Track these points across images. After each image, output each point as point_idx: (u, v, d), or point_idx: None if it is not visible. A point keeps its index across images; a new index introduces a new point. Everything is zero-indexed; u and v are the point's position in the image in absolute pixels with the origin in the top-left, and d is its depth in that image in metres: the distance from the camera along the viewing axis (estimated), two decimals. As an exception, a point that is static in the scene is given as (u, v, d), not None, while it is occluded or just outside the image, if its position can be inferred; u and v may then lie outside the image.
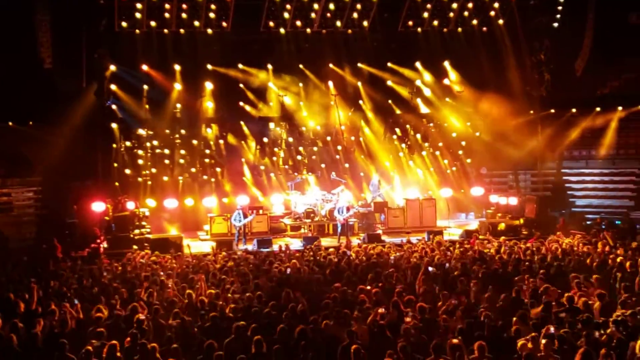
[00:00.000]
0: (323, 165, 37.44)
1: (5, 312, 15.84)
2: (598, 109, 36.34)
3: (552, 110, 36.64)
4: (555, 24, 34.64)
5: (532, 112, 36.50)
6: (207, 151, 36.35)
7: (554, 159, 37.84)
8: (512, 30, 35.04)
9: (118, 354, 13.36)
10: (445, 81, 36.85)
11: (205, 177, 36.23)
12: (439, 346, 12.86)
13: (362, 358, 12.71)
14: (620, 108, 36.23)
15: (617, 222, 32.05)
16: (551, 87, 35.77)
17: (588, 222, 32.72)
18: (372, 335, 14.49)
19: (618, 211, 34.51)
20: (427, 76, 36.82)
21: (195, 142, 35.72)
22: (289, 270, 20.67)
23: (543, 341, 13.02)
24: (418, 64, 36.57)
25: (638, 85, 34.80)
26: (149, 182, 34.99)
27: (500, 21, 34.94)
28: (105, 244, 29.13)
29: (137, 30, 32.91)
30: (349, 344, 13.29)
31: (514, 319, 14.53)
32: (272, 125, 36.53)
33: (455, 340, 13.25)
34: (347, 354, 12.80)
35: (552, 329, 13.56)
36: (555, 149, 37.35)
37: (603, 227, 30.28)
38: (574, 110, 36.77)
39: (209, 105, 35.38)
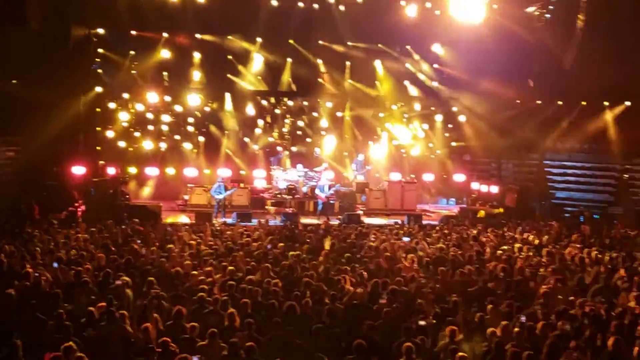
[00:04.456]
0: (308, 140, 37.39)
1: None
2: (584, 102, 36.35)
3: (539, 102, 36.65)
4: (548, 15, 34.52)
5: (518, 101, 36.48)
6: (191, 120, 36.28)
7: (537, 150, 37.87)
8: (504, 19, 34.76)
9: (94, 317, 13.37)
10: (435, 65, 36.92)
11: (187, 145, 36.15)
12: (409, 329, 12.92)
13: (332, 337, 12.80)
14: (606, 103, 36.27)
15: (595, 216, 32.13)
16: (539, 78, 35.70)
17: (566, 215, 32.79)
18: (346, 314, 14.52)
19: (598, 205, 34.57)
20: (418, 59, 36.83)
21: (179, 109, 35.60)
22: (269, 246, 20.70)
23: (515, 330, 13.06)
24: (409, 47, 36.56)
25: (625, 82, 34.75)
26: (131, 148, 34.92)
27: (495, 6, 34.58)
28: (83, 208, 29.01)
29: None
30: (318, 322, 13.36)
31: (488, 306, 14.58)
32: (258, 98, 36.45)
33: (422, 322, 13.30)
34: (319, 333, 12.88)
35: (523, 318, 13.60)
36: (539, 140, 37.36)
37: (581, 219, 30.45)
38: (560, 102, 36.77)
39: (195, 74, 35.25)
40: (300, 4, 34.13)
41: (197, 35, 34.61)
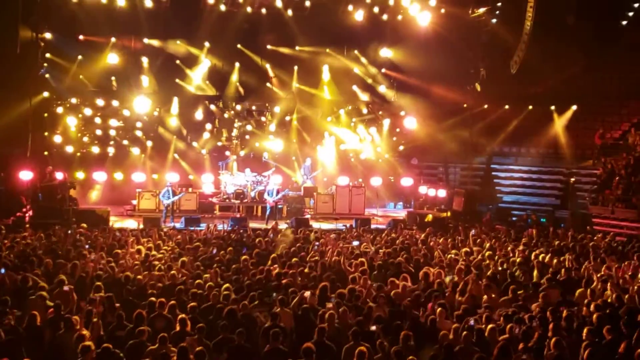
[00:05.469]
0: (257, 144, 37.32)
1: None
2: (531, 106, 36.82)
3: (486, 106, 37.00)
4: (494, 20, 34.83)
5: (465, 105, 36.82)
6: (140, 124, 36.05)
7: (484, 154, 38.24)
8: (451, 23, 34.89)
9: (38, 324, 13.24)
10: (383, 69, 37.21)
11: (136, 150, 35.90)
12: (357, 333, 12.95)
13: (282, 340, 12.80)
14: (552, 107, 36.79)
15: (542, 219, 32.50)
16: (486, 82, 35.98)
17: (514, 218, 33.11)
18: (296, 318, 14.53)
19: (544, 209, 34.94)
20: (366, 63, 37.09)
21: (127, 113, 35.39)
22: (214, 250, 20.66)
23: (463, 333, 13.16)
24: (356, 51, 36.80)
25: (572, 86, 35.26)
26: (79, 154, 34.65)
27: (442, 10, 34.59)
28: (31, 213, 28.69)
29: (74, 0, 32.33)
30: (271, 326, 13.35)
31: (438, 309, 14.67)
32: (206, 102, 36.38)
33: (372, 327, 13.34)
34: (268, 336, 12.87)
35: (471, 321, 13.69)
36: (486, 144, 37.74)
37: (529, 222, 30.85)
38: (507, 106, 37.19)
39: (144, 79, 35.09)
40: (248, 9, 34.13)
41: (145, 40, 34.54)
